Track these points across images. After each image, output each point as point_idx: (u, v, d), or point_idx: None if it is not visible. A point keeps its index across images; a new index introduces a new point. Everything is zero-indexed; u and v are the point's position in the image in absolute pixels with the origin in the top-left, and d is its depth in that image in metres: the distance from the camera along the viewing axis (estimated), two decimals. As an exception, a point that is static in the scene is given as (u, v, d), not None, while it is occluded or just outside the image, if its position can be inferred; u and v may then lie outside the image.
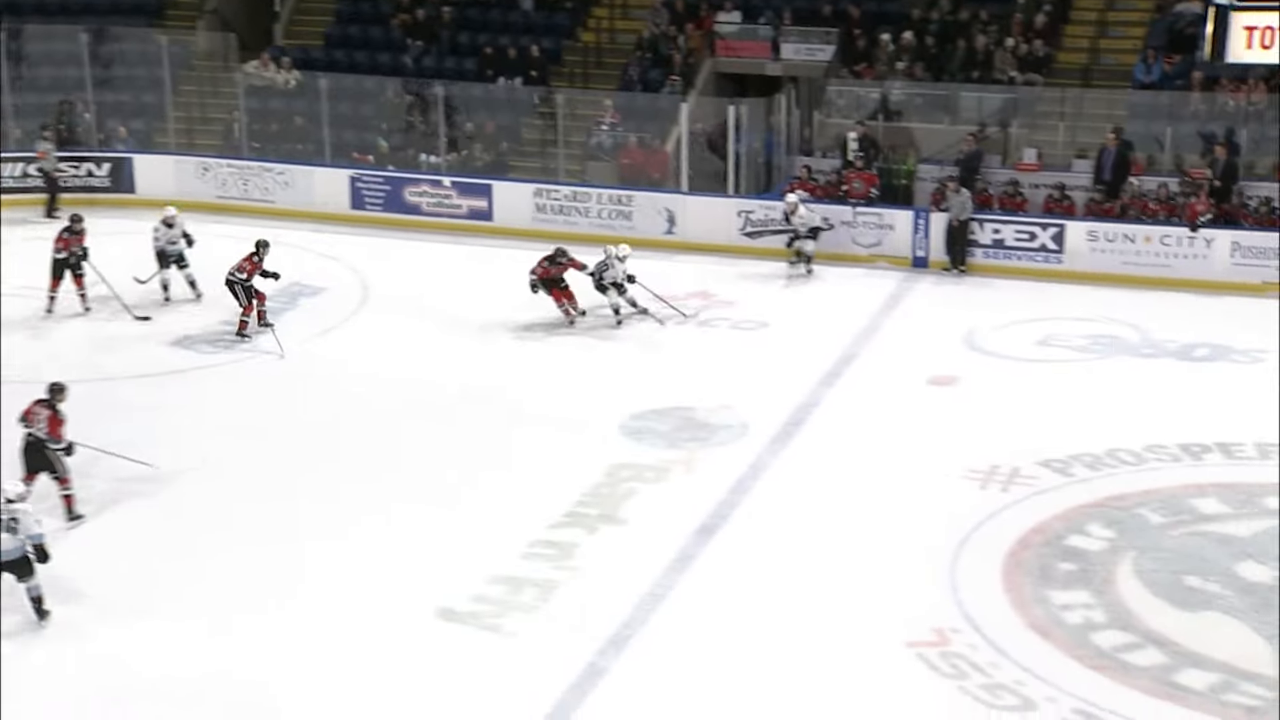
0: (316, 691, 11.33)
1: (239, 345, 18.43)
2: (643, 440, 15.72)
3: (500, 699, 11.24)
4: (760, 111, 23.59)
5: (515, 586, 12.82)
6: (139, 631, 12.08)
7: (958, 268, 21.21)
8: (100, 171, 24.13)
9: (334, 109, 24.35)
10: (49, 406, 13.75)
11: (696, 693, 11.34)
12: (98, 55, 25.23)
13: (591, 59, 26.03)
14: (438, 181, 23.49)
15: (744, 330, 19.11)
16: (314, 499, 14.43)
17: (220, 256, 19.62)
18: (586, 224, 22.81)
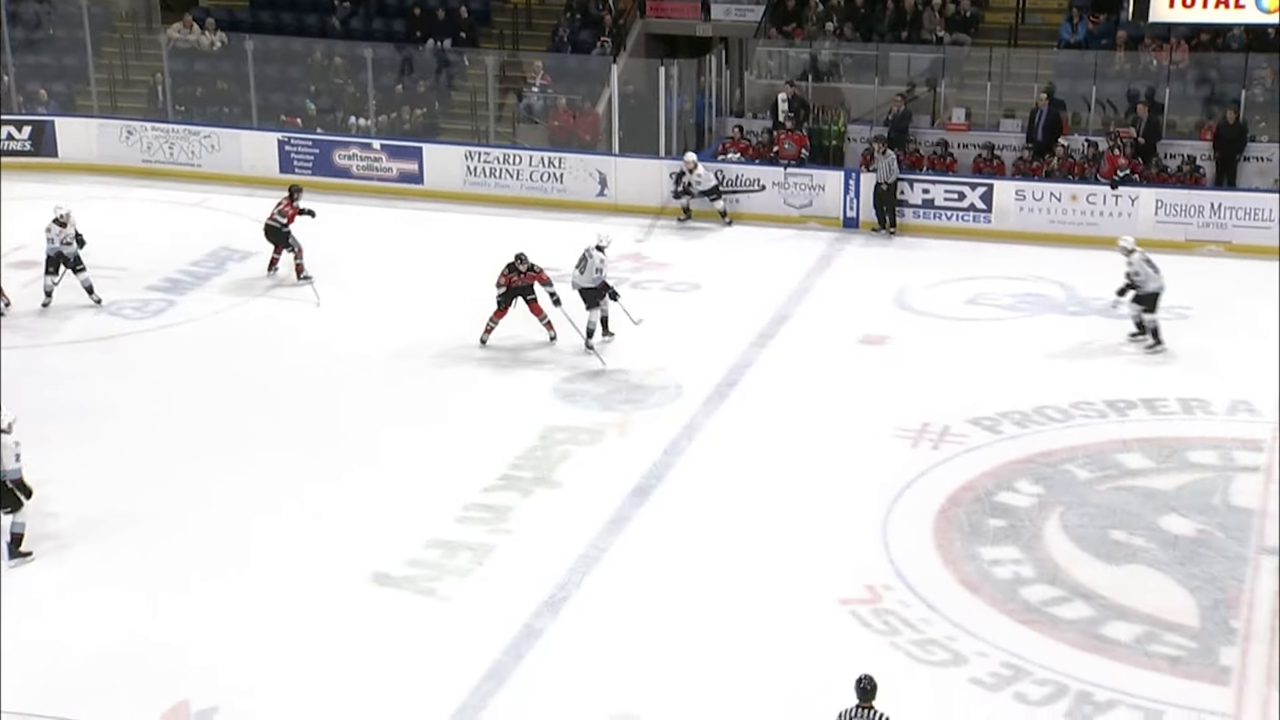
0: (251, 656, 11.28)
1: (168, 310, 18.21)
2: (577, 403, 15.75)
3: (437, 662, 11.26)
4: (691, 72, 23.56)
5: (450, 550, 12.83)
6: (77, 597, 11.97)
7: (887, 229, 21.32)
8: (20, 135, 23.71)
9: (261, 71, 24.04)
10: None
11: (633, 652, 11.41)
12: (19, 16, 24.74)
13: (521, 20, 25.86)
14: (367, 144, 23.29)
15: (677, 292, 19.14)
16: (246, 465, 14.34)
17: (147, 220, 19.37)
18: (518, 186, 22.72)
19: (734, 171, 22.06)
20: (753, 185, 17.79)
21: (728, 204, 21.63)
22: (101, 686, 10.84)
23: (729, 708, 10.78)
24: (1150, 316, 16.92)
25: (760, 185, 20.32)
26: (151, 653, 11.26)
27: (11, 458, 12.21)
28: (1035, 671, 11.17)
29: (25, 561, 12.51)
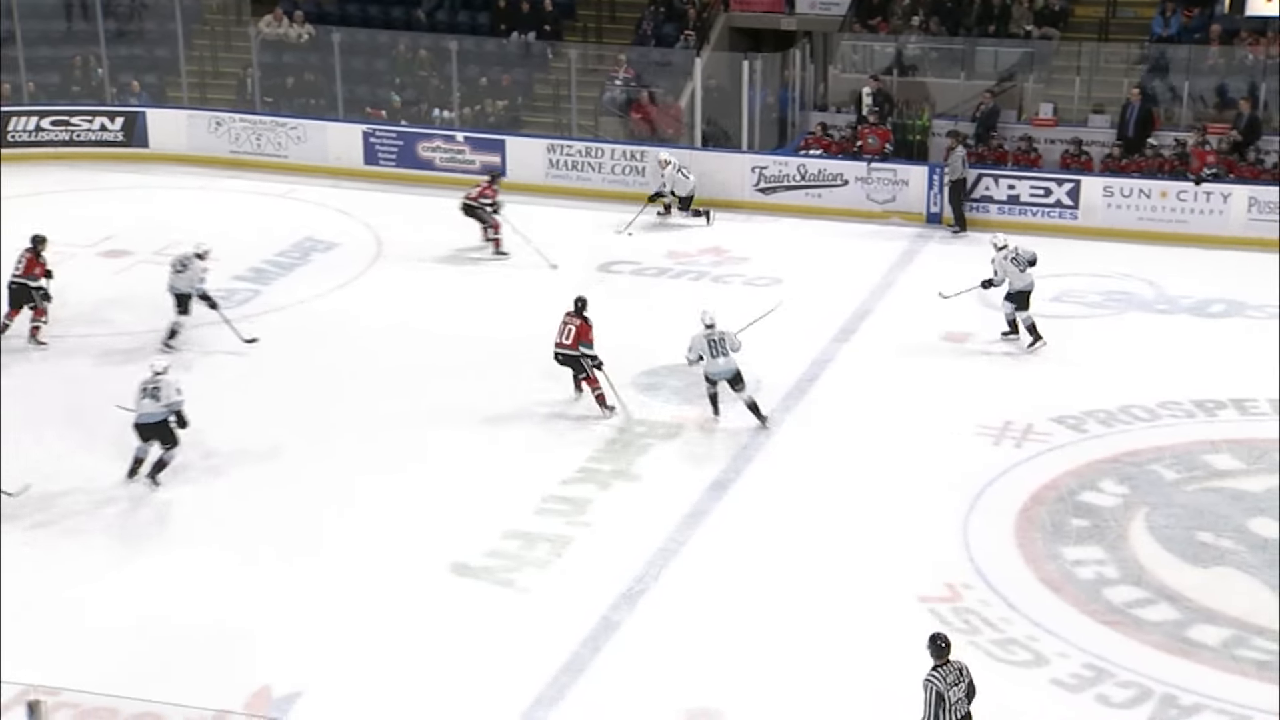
0: (332, 643, 11.39)
1: (253, 299, 18.42)
2: (656, 396, 15.72)
3: (514, 653, 11.30)
4: (774, 66, 23.45)
5: (529, 542, 12.87)
6: (161, 582, 12.14)
7: (958, 226, 21.07)
8: (113, 126, 24.08)
9: (347, 63, 24.25)
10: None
11: (710, 646, 11.38)
12: (113, 8, 25.12)
13: (605, 13, 25.89)
14: (451, 137, 23.42)
15: (757, 287, 19.05)
16: (328, 454, 14.47)
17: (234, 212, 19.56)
18: (599, 179, 22.74)
19: (816, 167, 21.91)
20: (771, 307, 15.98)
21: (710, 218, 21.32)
22: (185, 670, 10.98)
23: (806, 704, 10.72)
24: (1025, 314, 16.68)
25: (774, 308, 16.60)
26: (234, 638, 11.39)
27: (172, 392, 13.60)
28: (1118, 674, 11.01)
29: (154, 487, 13.60)
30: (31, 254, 16.84)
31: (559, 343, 15.22)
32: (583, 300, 15.41)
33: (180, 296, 16.74)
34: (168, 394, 13.58)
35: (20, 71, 24.14)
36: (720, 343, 14.64)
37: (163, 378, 13.62)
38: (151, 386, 13.59)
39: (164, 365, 13.85)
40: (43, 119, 23.92)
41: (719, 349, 14.64)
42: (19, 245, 19.57)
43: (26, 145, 23.79)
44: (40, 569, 12.37)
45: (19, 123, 23.80)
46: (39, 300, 16.79)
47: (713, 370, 14.73)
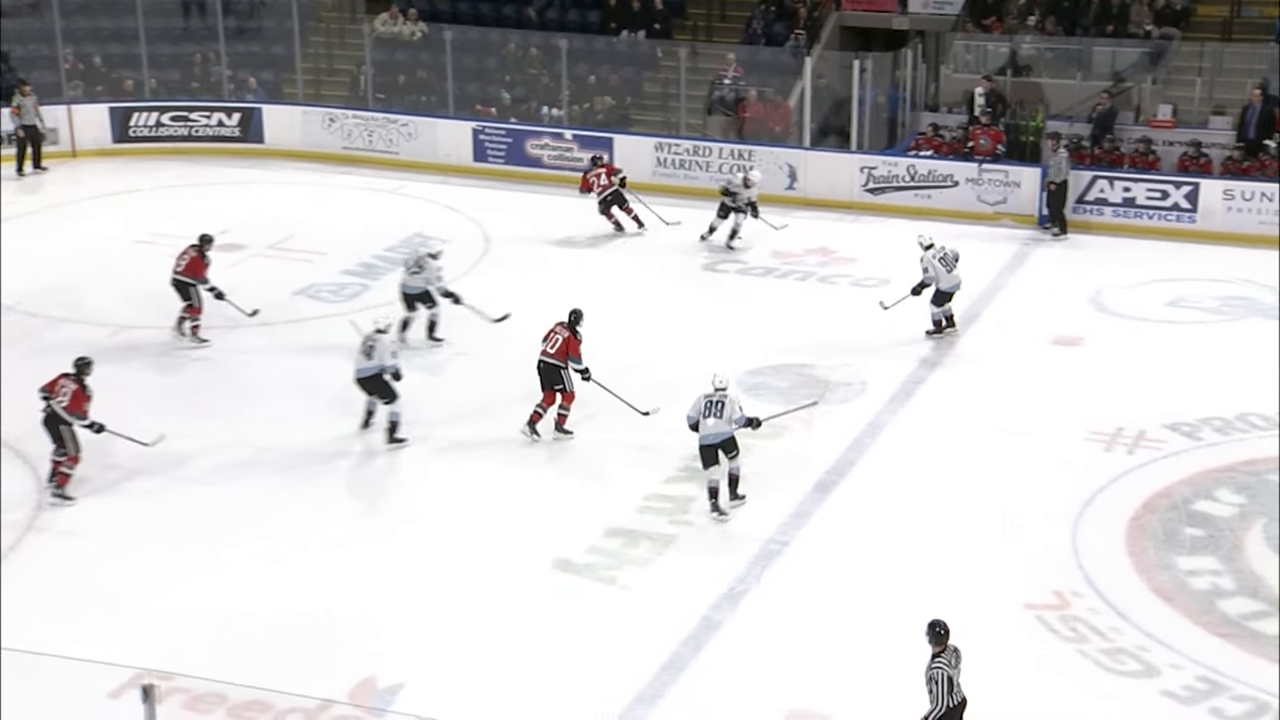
0: (436, 636, 11.46)
1: (362, 294, 18.60)
2: (760, 396, 15.63)
3: (616, 650, 11.29)
4: (885, 66, 23.24)
5: (631, 540, 12.86)
6: (270, 569, 12.32)
7: (1058, 229, 20.69)
8: (230, 121, 24.50)
9: (458, 61, 24.44)
10: (76, 380, 13.57)
11: (811, 648, 11.29)
12: (233, 6, 25.55)
13: (715, 12, 25.83)
14: (559, 134, 23.51)
15: (865, 287, 18.88)
16: (435, 448, 14.58)
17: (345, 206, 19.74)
18: (707, 178, 22.67)
19: (926, 167, 21.70)
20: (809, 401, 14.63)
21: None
22: (291, 659, 11.12)
23: (908, 708, 10.58)
24: (942, 309, 16.85)
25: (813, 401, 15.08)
26: (340, 628, 11.51)
27: (388, 354, 14.29)
28: (1233, 687, 10.74)
29: (401, 446, 14.29)
30: (197, 252, 17.00)
31: (544, 351, 14.78)
32: (578, 314, 14.85)
33: (410, 297, 16.72)
34: (381, 353, 14.32)
35: (143, 68, 24.64)
36: (719, 405, 13.02)
37: (380, 337, 14.38)
38: (368, 345, 14.41)
39: (386, 324, 14.63)
40: (163, 114, 24.39)
41: (715, 410, 13.01)
42: (139, 237, 20.02)
43: (147, 140, 24.28)
44: (157, 553, 12.60)
45: (140, 118, 24.30)
46: (196, 299, 16.97)
47: (705, 433, 13.01)
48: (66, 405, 13.37)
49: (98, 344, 16.72)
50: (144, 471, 13.90)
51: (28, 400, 14.93)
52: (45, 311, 17.57)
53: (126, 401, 15.14)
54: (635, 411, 14.83)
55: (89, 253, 19.56)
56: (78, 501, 13.40)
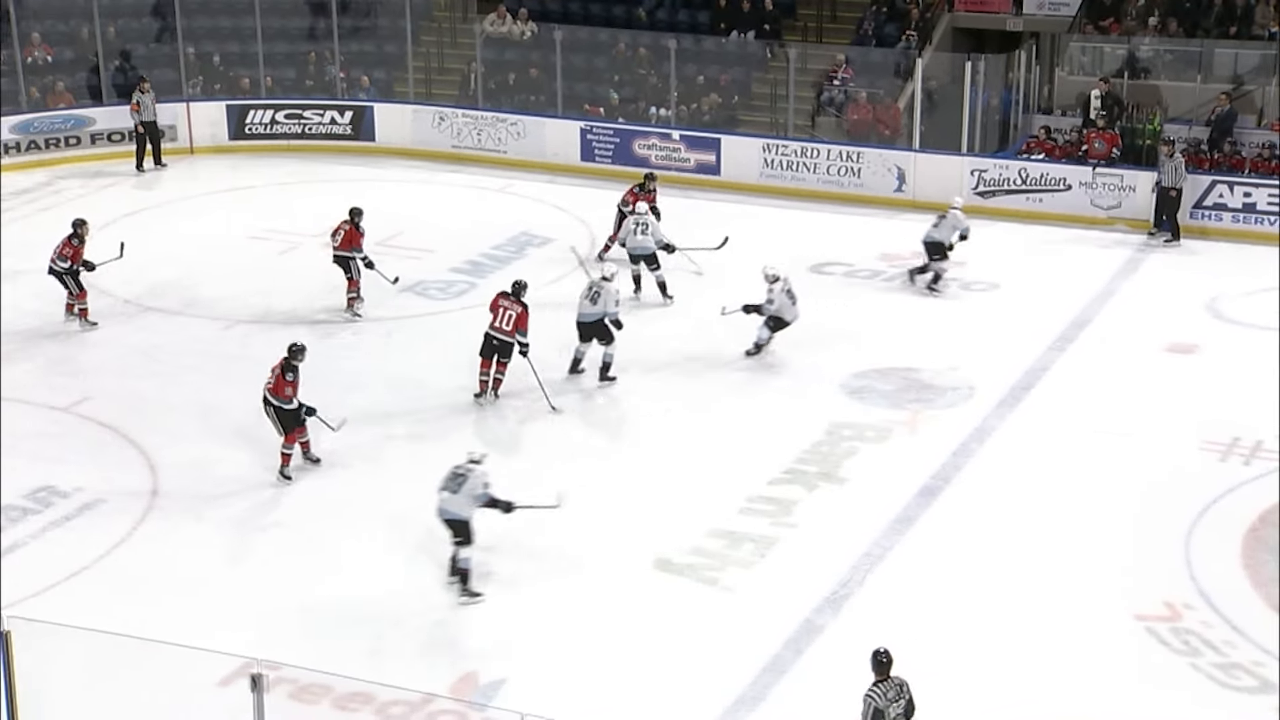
0: (537, 633, 11.51)
1: (470, 292, 18.73)
2: (865, 400, 15.51)
3: (717, 651, 11.26)
4: (998, 67, 22.94)
5: (734, 541, 12.81)
6: (373, 563, 12.43)
7: (1170, 235, 20.25)
8: (343, 120, 24.81)
9: (567, 61, 24.54)
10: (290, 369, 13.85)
11: (915, 655, 11.13)
12: (347, 6, 25.86)
13: (826, 13, 25.67)
14: (667, 135, 23.51)
15: (974, 291, 18.66)
16: (537, 444, 14.64)
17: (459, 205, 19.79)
18: (814, 180, 22.55)
19: (1038, 171, 21.38)
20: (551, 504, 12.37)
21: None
22: (393, 652, 11.22)
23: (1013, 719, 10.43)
24: (773, 334, 16.43)
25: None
26: (442, 623, 11.60)
27: (611, 302, 15.42)
28: (1351, 707, 10.45)
29: (610, 384, 15.54)
30: (351, 225, 17.50)
31: (495, 326, 15.06)
32: (521, 284, 15.25)
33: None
34: (606, 300, 15.35)
35: (259, 67, 25.05)
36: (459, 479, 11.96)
37: (605, 284, 15.39)
38: (593, 291, 15.41)
39: (612, 273, 15.66)
40: (278, 112, 24.77)
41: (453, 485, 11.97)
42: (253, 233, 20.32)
43: (262, 137, 24.67)
44: (265, 544, 12.79)
45: (256, 115, 24.70)
46: (355, 273, 17.52)
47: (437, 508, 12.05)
48: (272, 388, 13.79)
49: (211, 338, 17.06)
50: (254, 463, 14.11)
51: (143, 391, 15.28)
52: (161, 305, 17.91)
53: (240, 395, 15.39)
54: (548, 403, 15.12)
55: (204, 248, 19.91)
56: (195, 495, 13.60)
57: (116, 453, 14.31)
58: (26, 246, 19.58)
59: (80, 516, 13.19)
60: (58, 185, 22.50)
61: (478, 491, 11.83)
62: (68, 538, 12.85)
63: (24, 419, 14.96)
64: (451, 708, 10.58)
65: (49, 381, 15.68)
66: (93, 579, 12.21)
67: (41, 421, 14.89)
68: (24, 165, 23.01)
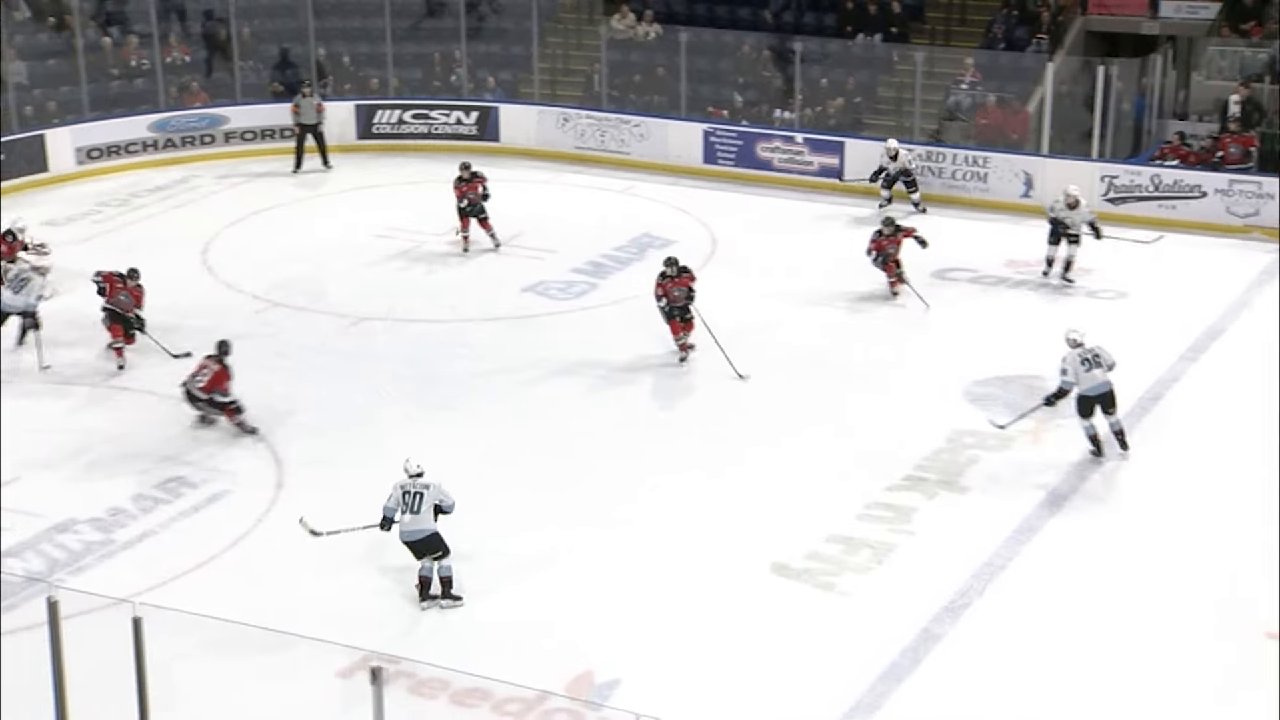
0: (653, 634, 11.51)
1: (590, 292, 18.80)
2: (988, 407, 15.29)
3: (832, 657, 11.18)
4: (1132, 72, 22.51)
5: (851, 547, 12.71)
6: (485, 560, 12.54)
7: None
8: (468, 120, 25.07)
9: (692, 63, 24.54)
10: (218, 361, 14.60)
11: (1034, 667, 10.98)
12: (474, 7, 26.11)
13: (954, 16, 25.38)
14: (790, 138, 23.40)
15: (1101, 299, 18.32)
16: (652, 444, 14.66)
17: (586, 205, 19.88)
18: (939, 184, 22.31)
19: (1172, 177, 20.90)
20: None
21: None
22: (511, 649, 11.28)
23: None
24: (1087, 423, 13.98)
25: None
26: (559, 622, 11.65)
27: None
28: None
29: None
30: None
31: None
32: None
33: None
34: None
35: (388, 67, 25.41)
36: (417, 497, 11.87)
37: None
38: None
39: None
40: (404, 112, 25.10)
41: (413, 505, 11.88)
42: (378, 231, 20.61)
43: (389, 137, 25.02)
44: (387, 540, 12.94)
45: (383, 115, 25.06)
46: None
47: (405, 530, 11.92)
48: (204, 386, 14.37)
49: (336, 334, 17.33)
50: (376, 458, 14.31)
51: (269, 385, 15.56)
52: (289, 301, 18.24)
53: (358, 390, 15.65)
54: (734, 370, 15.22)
55: (331, 245, 20.23)
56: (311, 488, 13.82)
57: (243, 446, 14.59)
58: (160, 243, 20.12)
59: (208, 507, 13.48)
60: (192, 182, 23.03)
61: (447, 502, 11.79)
62: (196, 528, 13.14)
63: (155, 410, 15.34)
64: (567, 706, 10.62)
65: (181, 374, 16.02)
66: (219, 569, 12.46)
67: (172, 413, 15.24)
68: (160, 162, 23.59)
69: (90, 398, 15.76)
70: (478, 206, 19.89)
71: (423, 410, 15.31)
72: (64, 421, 15.22)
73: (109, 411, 15.46)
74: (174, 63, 24.72)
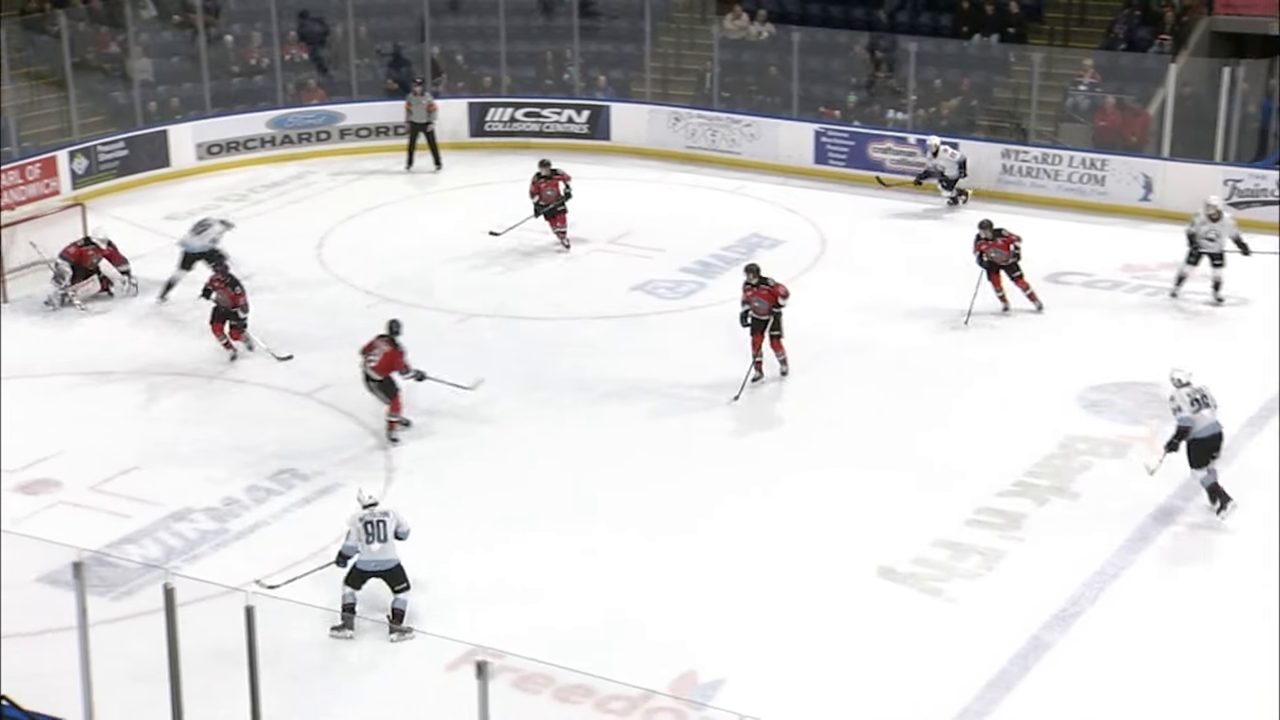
0: (757, 635, 11.47)
1: (698, 292, 18.76)
2: (1103, 413, 15.03)
3: (940, 662, 11.06)
4: (1259, 74, 21.96)
5: (959, 552, 12.57)
6: (594, 561, 12.58)
7: None
8: (580, 118, 25.16)
9: (804, 63, 24.39)
10: (389, 342, 14.49)
11: (1145, 679, 10.77)
12: (587, 6, 26.20)
13: (1074, 16, 24.95)
14: (902, 138, 23.18)
15: (1223, 306, 17.90)
16: (763, 444, 14.60)
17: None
18: (1055, 187, 21.96)
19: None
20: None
21: None
22: (613, 646, 11.29)
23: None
24: (1200, 473, 13.02)
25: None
26: (664, 621, 11.64)
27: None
28: None
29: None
30: None
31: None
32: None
33: None
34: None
35: (501, 66, 25.59)
36: (379, 526, 11.56)
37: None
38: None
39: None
40: (517, 110, 25.26)
41: (377, 533, 11.56)
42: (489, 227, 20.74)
43: (501, 135, 25.18)
44: (484, 536, 13.03)
45: (496, 113, 25.23)
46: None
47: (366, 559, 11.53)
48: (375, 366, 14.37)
49: (446, 330, 17.47)
50: (486, 455, 14.43)
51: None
52: (399, 298, 18.41)
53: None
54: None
55: (442, 242, 20.40)
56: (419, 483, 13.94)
57: (354, 439, 14.78)
58: (276, 237, 20.43)
59: (319, 500, 13.66)
60: (307, 179, 23.37)
61: (404, 528, 11.56)
62: (307, 519, 13.32)
63: (269, 403, 15.60)
64: (670, 705, 10.61)
65: (293, 368, 16.28)
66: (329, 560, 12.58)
67: (284, 406, 15.48)
68: (277, 158, 23.96)
69: (207, 389, 16.07)
70: (551, 205, 19.87)
71: (530, 407, 15.39)
72: (182, 412, 15.54)
73: (225, 403, 15.76)
74: (292, 60, 25.11)
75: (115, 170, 22.62)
